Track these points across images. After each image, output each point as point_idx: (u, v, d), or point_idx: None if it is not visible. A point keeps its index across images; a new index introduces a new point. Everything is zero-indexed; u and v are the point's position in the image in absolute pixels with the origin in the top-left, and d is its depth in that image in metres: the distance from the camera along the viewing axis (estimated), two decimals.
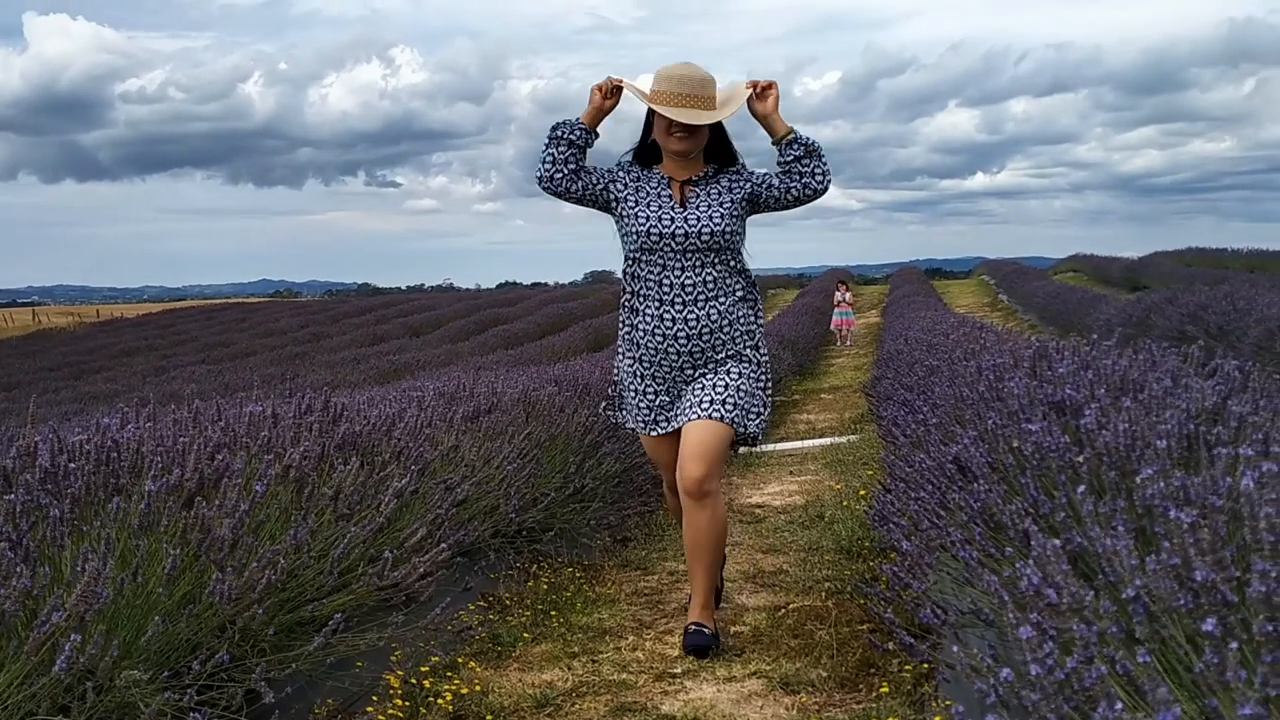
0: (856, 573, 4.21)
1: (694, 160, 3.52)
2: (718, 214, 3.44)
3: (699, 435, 3.40)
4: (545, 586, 4.25)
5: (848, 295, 20.63)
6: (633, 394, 3.65)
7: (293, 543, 2.79)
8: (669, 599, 4.17)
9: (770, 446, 8.60)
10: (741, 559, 4.76)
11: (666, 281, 3.45)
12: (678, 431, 3.51)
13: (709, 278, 3.45)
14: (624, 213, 3.50)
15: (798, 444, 8.81)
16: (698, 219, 3.43)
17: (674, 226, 3.42)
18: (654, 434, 3.63)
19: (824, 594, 4.07)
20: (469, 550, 4.17)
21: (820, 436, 9.16)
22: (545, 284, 54.00)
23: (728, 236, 3.45)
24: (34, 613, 2.13)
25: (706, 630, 3.44)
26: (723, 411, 3.41)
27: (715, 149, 3.55)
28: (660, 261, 3.44)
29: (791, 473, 7.28)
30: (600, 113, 3.55)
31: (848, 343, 19.70)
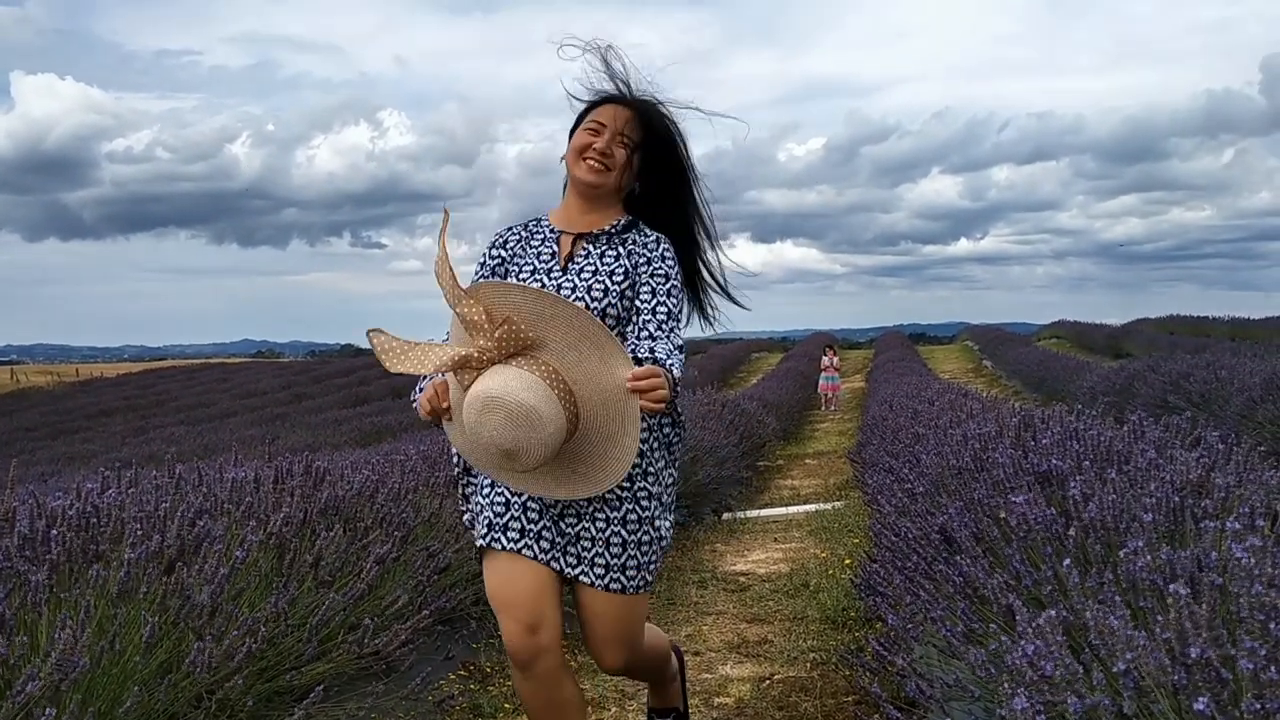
0: (842, 643, 4.18)
1: (605, 204, 2.55)
2: (599, 287, 2.43)
3: (612, 616, 2.45)
4: None
5: (835, 360, 20.69)
6: (485, 488, 2.48)
7: (273, 610, 2.75)
8: None
9: (755, 512, 8.57)
10: (725, 628, 4.72)
11: None
12: (542, 564, 2.38)
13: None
14: None
15: (782, 510, 8.78)
16: (573, 288, 2.42)
17: None
18: (506, 547, 2.38)
19: (809, 664, 4.03)
20: (451, 618, 4.12)
21: (805, 503, 9.14)
22: None
23: (607, 318, 2.41)
24: (9, 682, 2.09)
25: None
26: (624, 580, 2.43)
27: (652, 192, 2.60)
28: None
29: (776, 539, 7.24)
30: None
31: (833, 408, 19.72)
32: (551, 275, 2.46)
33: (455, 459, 2.53)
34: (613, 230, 2.52)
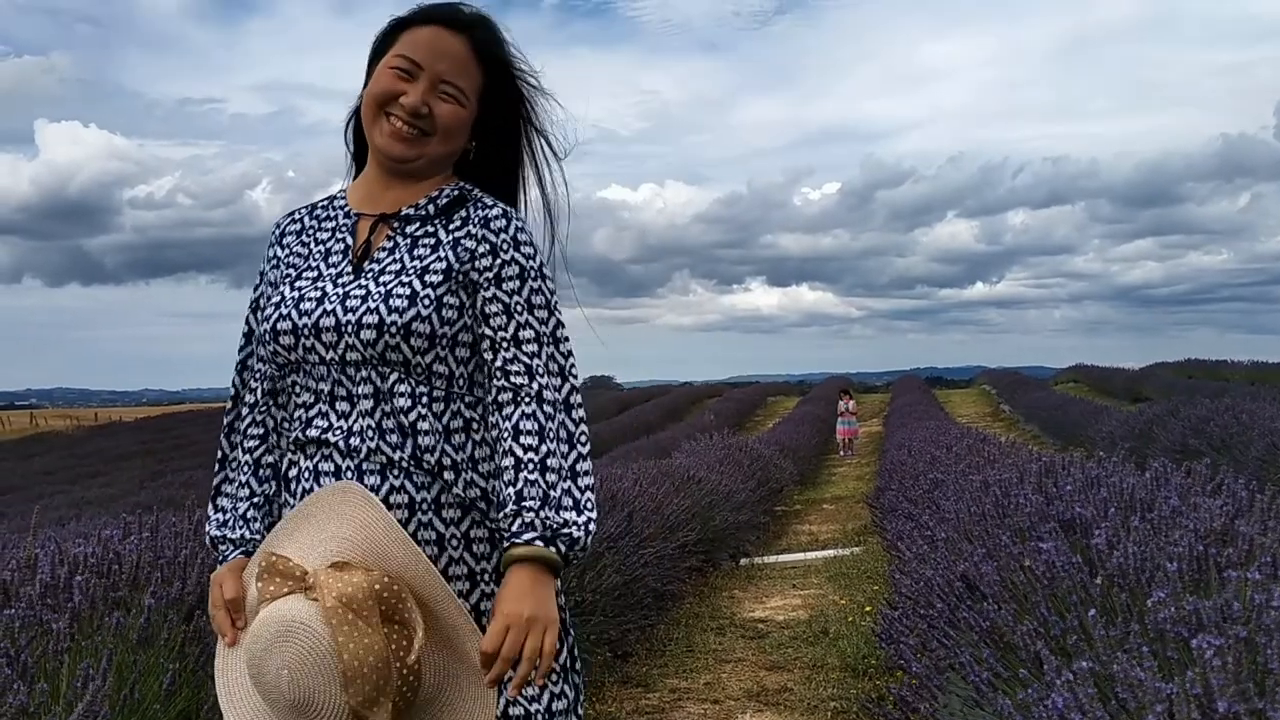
0: (863, 691, 4.14)
1: (423, 173, 1.70)
2: (401, 294, 1.58)
3: None
4: None
5: (851, 404, 20.62)
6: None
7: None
8: (670, 718, 4.08)
9: (772, 558, 8.52)
10: (745, 676, 4.68)
11: (315, 425, 1.62)
12: None
13: (400, 417, 1.58)
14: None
15: (800, 556, 8.73)
16: (363, 298, 1.59)
17: (317, 313, 1.60)
18: None
19: (830, 713, 3.99)
20: None
21: (823, 548, 9.08)
22: None
23: (419, 339, 1.57)
24: None
25: None
26: None
27: (490, 149, 1.76)
28: (308, 386, 1.64)
29: (794, 585, 7.19)
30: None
31: (850, 453, 19.64)
32: (338, 283, 1.61)
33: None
34: (432, 208, 1.66)
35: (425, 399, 1.58)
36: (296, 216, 1.77)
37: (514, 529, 1.48)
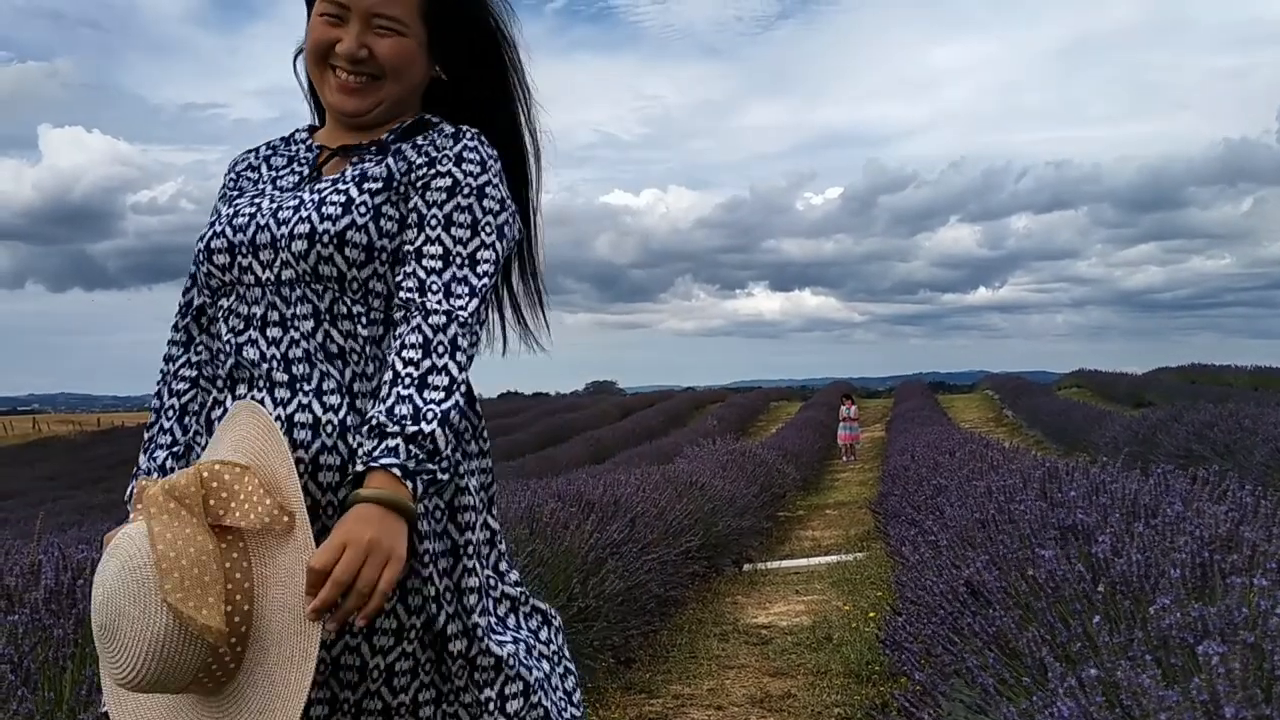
0: (867, 698, 4.13)
1: (386, 120, 1.58)
2: (335, 201, 1.46)
3: None
4: None
5: (853, 410, 20.61)
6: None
7: None
8: None
9: (775, 564, 8.52)
10: (748, 682, 4.68)
11: (245, 352, 1.50)
12: None
13: (336, 340, 1.46)
14: None
15: (803, 561, 8.72)
16: (295, 208, 1.47)
17: (250, 227, 1.49)
18: None
19: None
20: None
21: (826, 554, 9.08)
22: (546, 394, 54.09)
23: (355, 249, 1.44)
24: None
25: None
26: None
27: (464, 72, 1.62)
28: (239, 311, 1.51)
29: (797, 591, 7.19)
30: None
31: (852, 458, 19.63)
32: (275, 196, 1.52)
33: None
34: (388, 137, 1.54)
35: (364, 319, 1.45)
36: (258, 151, 1.66)
37: (374, 449, 1.31)
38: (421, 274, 1.41)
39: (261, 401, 1.44)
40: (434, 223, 1.44)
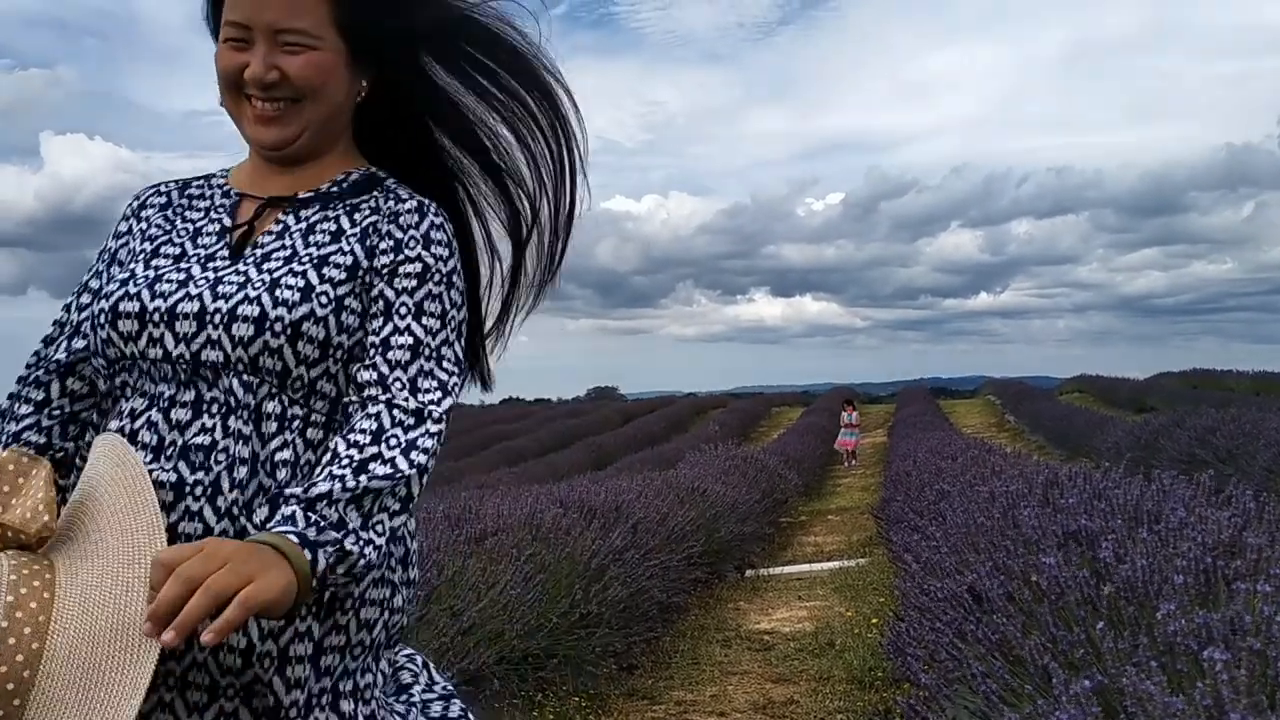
0: (870, 704, 4.13)
1: (321, 150, 1.39)
2: (293, 284, 1.28)
3: None
4: (550, 717, 4.16)
5: (854, 416, 20.59)
6: None
7: None
8: None
9: (778, 570, 8.51)
10: (751, 688, 4.67)
11: (149, 426, 1.28)
12: None
13: (256, 444, 1.25)
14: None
15: (805, 567, 8.71)
16: (242, 284, 1.28)
17: (177, 295, 1.29)
18: None
19: None
20: (473, 678, 4.09)
21: (828, 560, 9.07)
22: (548, 400, 54.08)
23: (309, 344, 1.26)
24: None
25: None
26: None
27: (396, 121, 1.45)
28: (141, 390, 1.30)
29: (800, 597, 7.18)
30: None
31: (853, 464, 19.61)
32: (209, 266, 1.30)
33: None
34: (334, 191, 1.37)
35: (299, 424, 1.25)
36: (163, 190, 1.43)
37: (265, 521, 1.18)
38: (384, 367, 1.24)
39: (171, 516, 1.21)
40: (404, 310, 1.27)
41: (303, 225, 1.33)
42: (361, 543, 1.13)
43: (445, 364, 1.28)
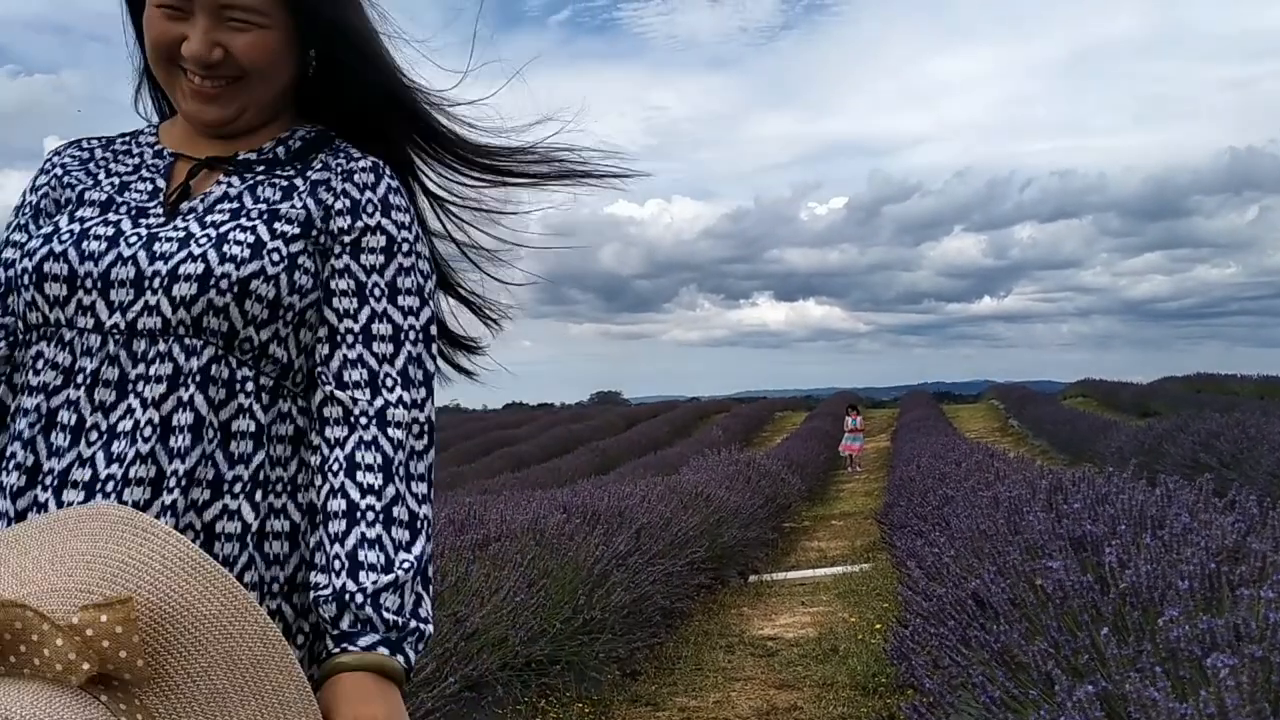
0: (873, 710, 4.12)
1: (256, 124, 1.26)
2: (240, 239, 1.14)
3: None
4: None
5: (858, 420, 20.57)
6: None
7: None
8: None
9: (781, 575, 8.50)
10: (754, 694, 4.66)
11: (69, 405, 1.12)
12: None
13: (206, 411, 1.10)
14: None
15: (809, 572, 8.70)
16: (182, 240, 1.14)
17: (109, 257, 1.14)
18: None
19: None
20: (476, 684, 4.09)
21: (832, 565, 9.06)
22: (552, 405, 54.09)
23: (258, 304, 1.13)
24: None
25: None
26: None
27: (334, 81, 1.29)
28: (57, 362, 1.14)
29: (803, 603, 7.17)
30: None
31: (857, 469, 19.59)
32: (140, 222, 1.17)
33: None
34: (281, 151, 1.25)
35: (251, 387, 1.13)
36: (85, 145, 1.29)
37: (346, 626, 1.04)
38: (373, 361, 1.14)
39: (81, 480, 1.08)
40: (377, 293, 1.17)
41: (249, 183, 1.21)
42: (425, 616, 1.08)
43: (430, 348, 1.19)
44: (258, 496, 1.10)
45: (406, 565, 1.06)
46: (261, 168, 1.22)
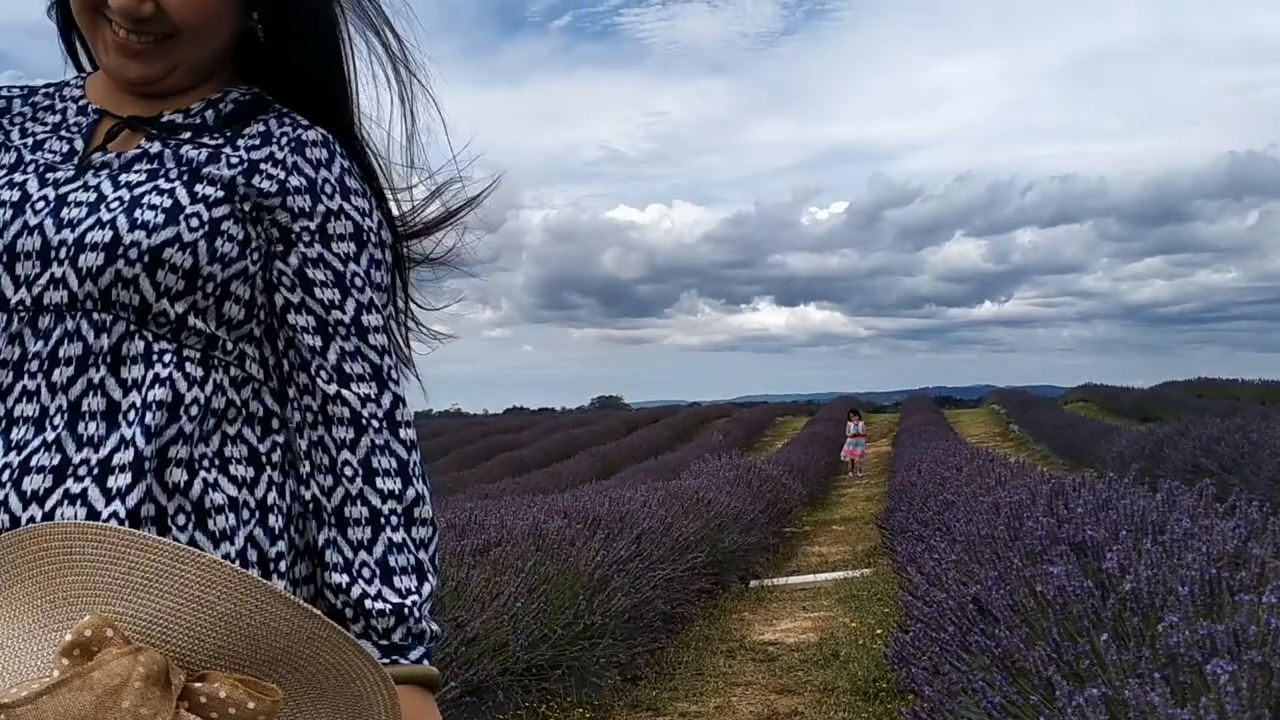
0: (874, 715, 4.12)
1: (183, 85, 1.12)
2: (155, 203, 1.03)
3: None
4: None
5: (860, 425, 20.57)
6: None
7: None
8: None
9: (782, 580, 8.50)
10: (755, 700, 4.66)
11: None
12: None
13: (120, 392, 1.01)
14: None
15: (810, 577, 8.70)
16: (90, 202, 1.03)
17: (14, 227, 1.03)
18: None
19: None
20: (477, 689, 4.09)
21: (833, 570, 9.05)
22: (553, 409, 54.10)
23: (172, 274, 1.02)
24: None
25: None
26: None
27: (278, 49, 1.14)
28: None
29: (804, 608, 7.17)
30: None
31: (858, 473, 19.59)
32: (48, 180, 1.07)
33: None
34: (210, 114, 1.13)
35: (171, 359, 1.02)
36: (3, 95, 1.17)
37: (399, 639, 1.03)
38: (374, 355, 1.09)
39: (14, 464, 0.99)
40: (359, 283, 1.09)
41: (167, 149, 1.08)
42: (432, 621, 1.07)
43: (397, 348, 1.14)
44: (188, 493, 1.00)
45: (430, 570, 1.06)
46: (188, 133, 1.10)
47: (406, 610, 1.03)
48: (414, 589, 1.04)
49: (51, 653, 0.79)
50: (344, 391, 1.07)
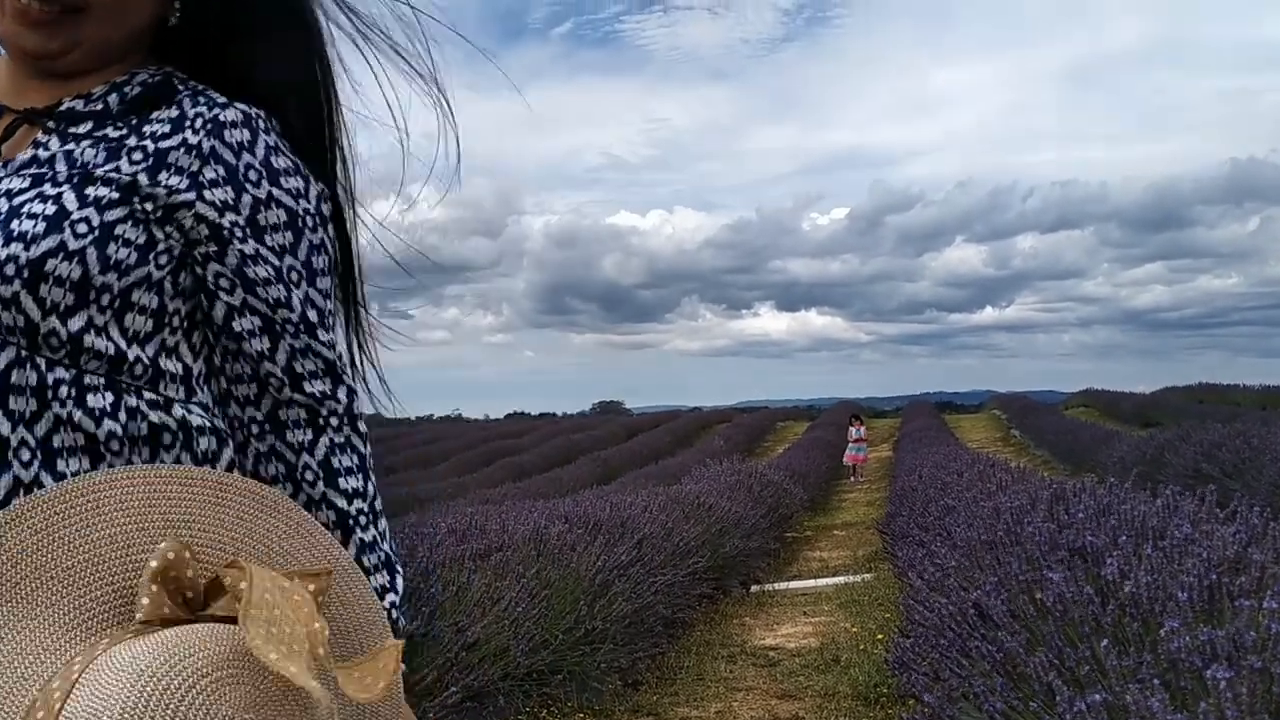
0: None
1: (86, 67, 1.01)
2: (37, 212, 0.91)
3: None
4: None
5: (862, 430, 20.58)
6: None
7: None
8: None
9: (783, 585, 8.50)
10: (755, 704, 4.66)
11: None
12: None
13: (17, 426, 0.89)
14: None
15: (811, 582, 8.70)
16: None
17: None
18: None
19: None
20: (478, 694, 4.09)
21: (834, 575, 9.05)
22: (553, 414, 54.08)
23: (57, 288, 0.90)
24: None
25: None
26: None
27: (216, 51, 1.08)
28: None
29: (805, 613, 7.17)
30: None
31: (860, 479, 19.59)
32: None
33: None
34: (114, 99, 1.02)
35: (70, 391, 0.91)
36: None
37: (390, 591, 1.04)
38: (326, 353, 1.02)
39: None
40: (295, 277, 1.00)
41: (69, 142, 0.98)
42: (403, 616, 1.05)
43: (332, 362, 1.04)
44: None
45: (397, 562, 1.04)
46: (88, 123, 0.99)
47: (386, 614, 1.01)
48: (389, 586, 1.02)
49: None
50: (296, 395, 1.00)
